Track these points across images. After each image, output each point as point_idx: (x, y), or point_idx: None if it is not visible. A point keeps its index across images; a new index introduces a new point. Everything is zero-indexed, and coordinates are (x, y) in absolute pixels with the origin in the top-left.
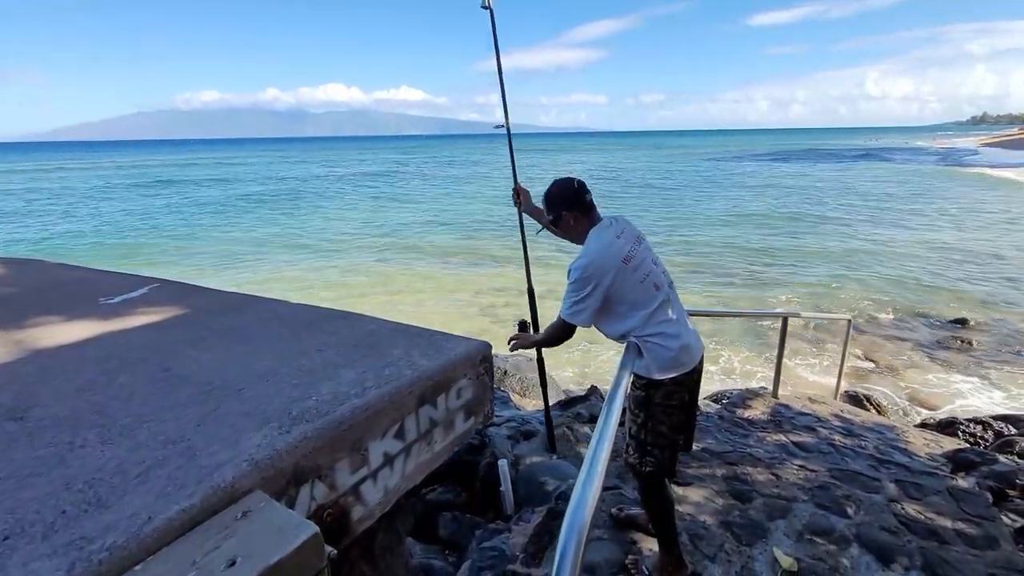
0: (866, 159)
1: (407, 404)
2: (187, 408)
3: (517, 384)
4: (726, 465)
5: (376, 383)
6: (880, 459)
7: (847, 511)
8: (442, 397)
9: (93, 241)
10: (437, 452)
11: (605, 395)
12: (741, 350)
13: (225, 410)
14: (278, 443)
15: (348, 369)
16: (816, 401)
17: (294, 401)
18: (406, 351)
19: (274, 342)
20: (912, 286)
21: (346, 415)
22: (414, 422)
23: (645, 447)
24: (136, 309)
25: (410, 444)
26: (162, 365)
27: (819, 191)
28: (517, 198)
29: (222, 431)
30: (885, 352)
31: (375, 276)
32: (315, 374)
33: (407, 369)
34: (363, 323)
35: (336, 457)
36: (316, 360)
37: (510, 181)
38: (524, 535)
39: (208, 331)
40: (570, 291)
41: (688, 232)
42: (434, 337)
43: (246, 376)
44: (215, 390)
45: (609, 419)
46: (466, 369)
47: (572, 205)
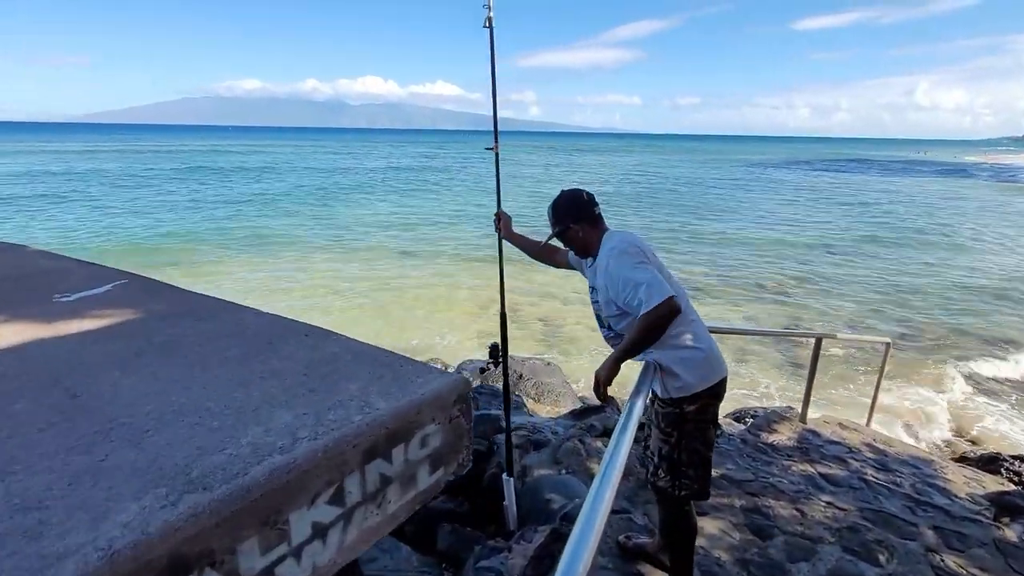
0: (911, 172)
1: (349, 460)
2: (71, 456)
3: (532, 389)
4: (746, 495)
5: (312, 432)
6: (917, 499)
7: (879, 559)
8: (400, 448)
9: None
10: (392, 514)
11: (622, 406)
12: (768, 368)
13: (113, 463)
14: (154, 521)
15: (285, 410)
16: (847, 428)
17: (201, 455)
18: (363, 387)
19: (216, 365)
20: (957, 310)
21: (259, 480)
22: (358, 482)
23: (679, 468)
24: (86, 311)
25: (352, 509)
26: (73, 390)
27: (864, 206)
28: (498, 223)
29: (94, 497)
30: (924, 378)
31: (398, 270)
32: (243, 415)
33: (357, 414)
34: (328, 344)
35: (240, 536)
36: (253, 393)
37: (537, 180)
38: (524, 556)
39: (150, 345)
40: (629, 274)
41: (714, 244)
42: (402, 369)
43: (161, 412)
44: (115, 430)
45: (620, 448)
46: (435, 412)
47: (580, 217)
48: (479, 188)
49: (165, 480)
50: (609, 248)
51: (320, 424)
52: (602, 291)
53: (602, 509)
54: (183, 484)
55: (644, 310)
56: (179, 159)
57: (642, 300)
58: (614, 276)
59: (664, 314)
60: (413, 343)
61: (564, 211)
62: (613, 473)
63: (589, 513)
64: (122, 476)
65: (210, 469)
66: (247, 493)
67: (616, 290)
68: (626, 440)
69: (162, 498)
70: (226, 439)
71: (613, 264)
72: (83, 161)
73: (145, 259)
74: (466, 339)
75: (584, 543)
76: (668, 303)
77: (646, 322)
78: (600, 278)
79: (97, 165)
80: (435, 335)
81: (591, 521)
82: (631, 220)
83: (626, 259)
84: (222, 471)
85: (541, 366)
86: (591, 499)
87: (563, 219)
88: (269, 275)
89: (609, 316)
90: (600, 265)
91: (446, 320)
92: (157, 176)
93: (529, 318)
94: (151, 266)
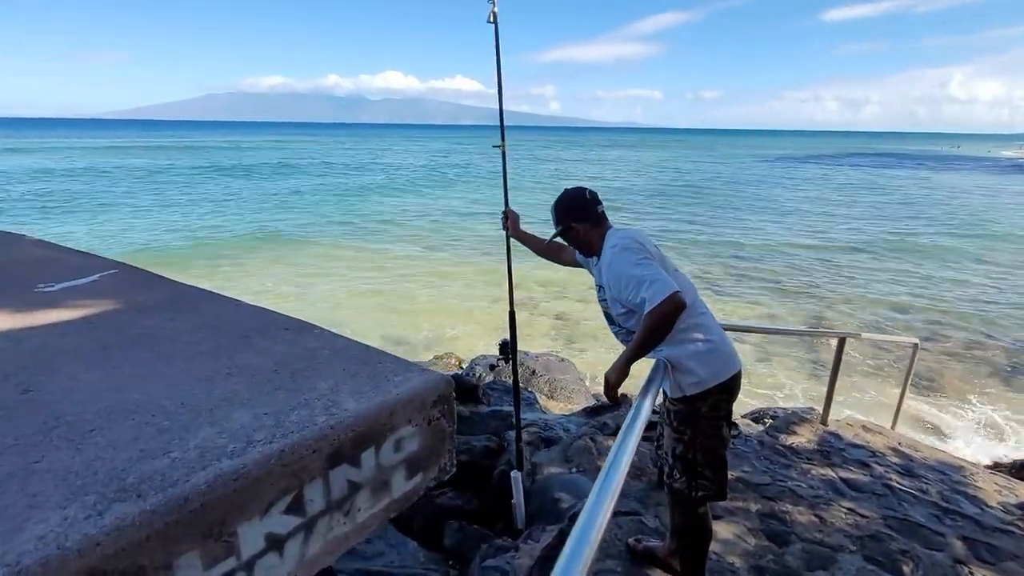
0: (942, 167)
1: (310, 466)
2: (2, 457)
3: (545, 385)
4: (762, 500)
5: (269, 435)
6: (945, 508)
7: (903, 570)
8: (370, 453)
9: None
10: (363, 522)
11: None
12: (788, 368)
13: (47, 465)
14: (74, 534)
15: (245, 409)
16: (870, 431)
17: (141, 458)
18: (334, 385)
19: (183, 359)
20: (991, 311)
21: (200, 488)
22: (321, 489)
23: (695, 468)
24: (65, 302)
25: (314, 518)
26: (26, 384)
27: (891, 202)
28: (506, 221)
29: (16, 504)
30: (953, 379)
31: (419, 260)
32: (198, 414)
33: (321, 414)
34: (307, 339)
35: (176, 550)
36: (216, 391)
37: (553, 176)
38: (531, 557)
39: (120, 338)
40: (631, 271)
41: (733, 241)
42: (380, 367)
43: (112, 410)
44: (57, 429)
45: (625, 447)
46: (411, 413)
47: (583, 216)
48: (496, 183)
49: (97, 486)
50: (611, 246)
51: (279, 426)
52: (607, 289)
53: (603, 511)
54: (114, 492)
55: (648, 307)
56: (226, 155)
57: (645, 298)
58: (616, 274)
59: (669, 311)
60: (425, 337)
61: (566, 210)
62: (616, 474)
63: (589, 515)
64: (52, 481)
65: (148, 475)
66: (184, 503)
67: (619, 288)
68: (632, 440)
69: (89, 507)
70: (173, 441)
71: (615, 262)
72: (137, 157)
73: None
74: (481, 334)
75: (582, 546)
76: (672, 299)
77: (651, 320)
78: (604, 277)
79: (159, 162)
80: (449, 329)
81: (590, 524)
82: (645, 219)
83: (627, 256)
84: (160, 477)
85: (555, 362)
86: (592, 500)
87: (565, 218)
88: (290, 270)
89: (617, 314)
90: (604, 263)
91: (460, 315)
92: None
93: (544, 313)
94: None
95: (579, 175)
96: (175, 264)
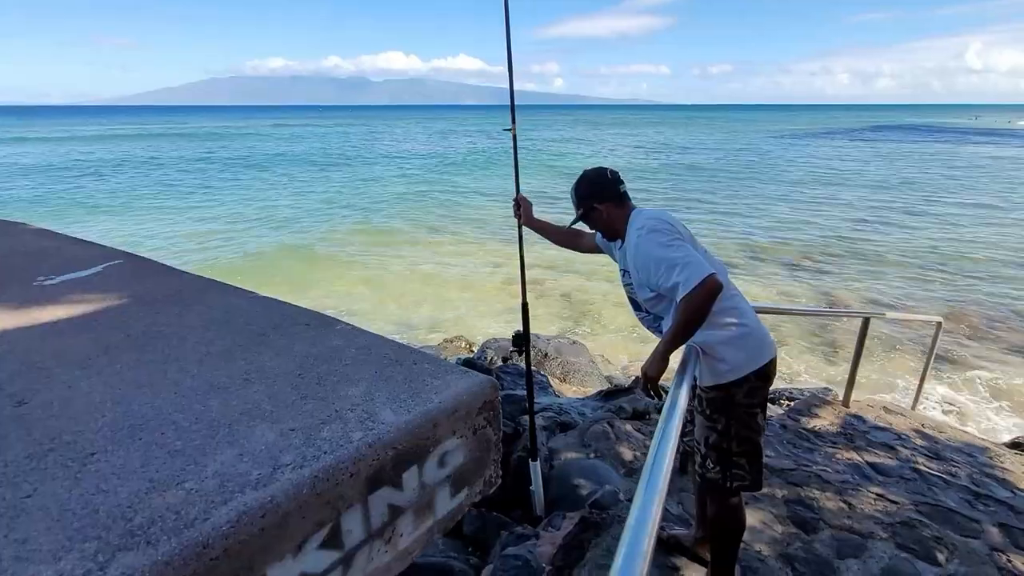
0: (960, 139)
1: (347, 493)
2: None
3: (558, 368)
4: (788, 486)
5: (299, 457)
6: (976, 492)
7: (937, 558)
8: (412, 472)
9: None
10: (405, 548)
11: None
12: (803, 348)
13: (39, 501)
14: None
15: (268, 424)
16: (892, 412)
17: (151, 490)
18: (367, 392)
19: (194, 362)
20: (1014, 288)
21: (222, 528)
22: (360, 517)
23: (730, 458)
24: (64, 296)
25: (353, 551)
26: (20, 395)
27: (905, 176)
28: (517, 209)
29: (0, 557)
30: (972, 356)
31: (424, 247)
32: (215, 431)
33: (357, 430)
34: (330, 336)
35: None
36: (233, 402)
37: (555, 155)
38: (552, 544)
39: (124, 337)
40: (662, 253)
41: (743, 218)
42: (416, 368)
43: (115, 427)
44: (53, 452)
45: (665, 445)
46: (455, 424)
47: (605, 196)
48: (503, 163)
49: (98, 529)
50: (637, 227)
51: (310, 445)
52: (634, 274)
53: (651, 519)
54: (119, 536)
55: (683, 292)
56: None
57: (679, 282)
58: (645, 257)
59: (706, 295)
60: (433, 320)
61: (587, 191)
62: (660, 475)
63: (637, 523)
64: (45, 523)
65: (159, 513)
66: (203, 550)
67: (648, 272)
68: (672, 435)
69: (88, 558)
70: (187, 467)
71: (643, 244)
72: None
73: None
74: (491, 315)
75: (634, 561)
76: (708, 282)
77: (687, 305)
78: (630, 260)
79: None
80: (459, 312)
81: (639, 534)
82: (656, 199)
83: (656, 238)
84: (174, 516)
85: (567, 345)
86: (638, 506)
87: (586, 199)
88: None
89: (644, 299)
90: (629, 246)
91: (470, 297)
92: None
93: (553, 295)
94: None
95: (585, 154)
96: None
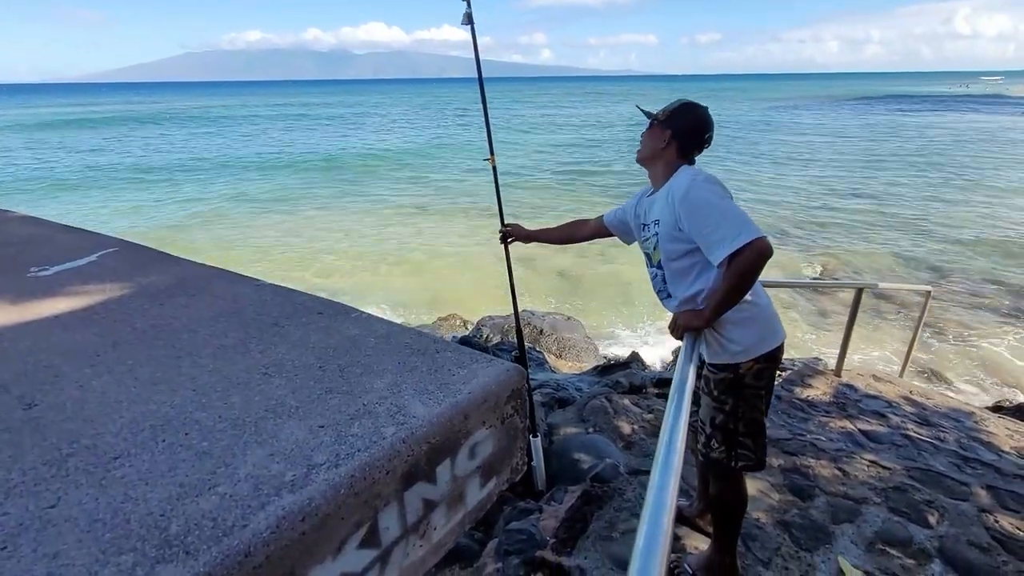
0: (951, 108)
1: (383, 491)
2: (10, 500)
3: (554, 344)
4: (784, 455)
5: (332, 455)
6: (964, 456)
7: (928, 520)
8: (445, 465)
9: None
10: (439, 541)
11: (653, 375)
12: (792, 318)
13: (65, 511)
14: None
15: (295, 421)
16: (881, 380)
17: (183, 496)
18: (393, 384)
19: (208, 356)
20: (999, 258)
21: (263, 534)
22: (396, 514)
23: (736, 438)
24: (62, 288)
25: (389, 547)
26: (29, 397)
27: (895, 148)
28: (505, 239)
29: (33, 573)
30: (956, 323)
31: (412, 226)
32: (241, 430)
33: (388, 424)
34: (345, 325)
35: None
36: (255, 398)
37: (548, 130)
38: (555, 518)
39: (132, 330)
40: (717, 202)
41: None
42: (439, 357)
43: (136, 428)
44: (74, 457)
45: (676, 430)
46: (485, 414)
47: (682, 138)
48: None
49: (132, 540)
50: (691, 175)
51: (342, 442)
52: (670, 225)
53: (667, 507)
54: (156, 547)
55: (729, 249)
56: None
57: (725, 236)
58: (695, 201)
59: (756, 257)
60: (428, 297)
61: (678, 122)
62: (674, 459)
63: (654, 511)
64: (74, 535)
65: (195, 520)
66: (245, 558)
67: (694, 218)
68: (683, 414)
69: (126, 572)
70: (218, 469)
71: (698, 190)
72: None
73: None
74: (484, 292)
75: (653, 556)
76: (760, 243)
77: (736, 268)
78: (670, 206)
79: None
80: (452, 289)
81: (657, 521)
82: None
83: (714, 188)
84: (211, 523)
85: (562, 321)
86: (654, 494)
87: (667, 123)
88: (285, 235)
89: (668, 253)
90: (674, 194)
91: (462, 274)
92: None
93: (546, 271)
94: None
95: (566, 128)
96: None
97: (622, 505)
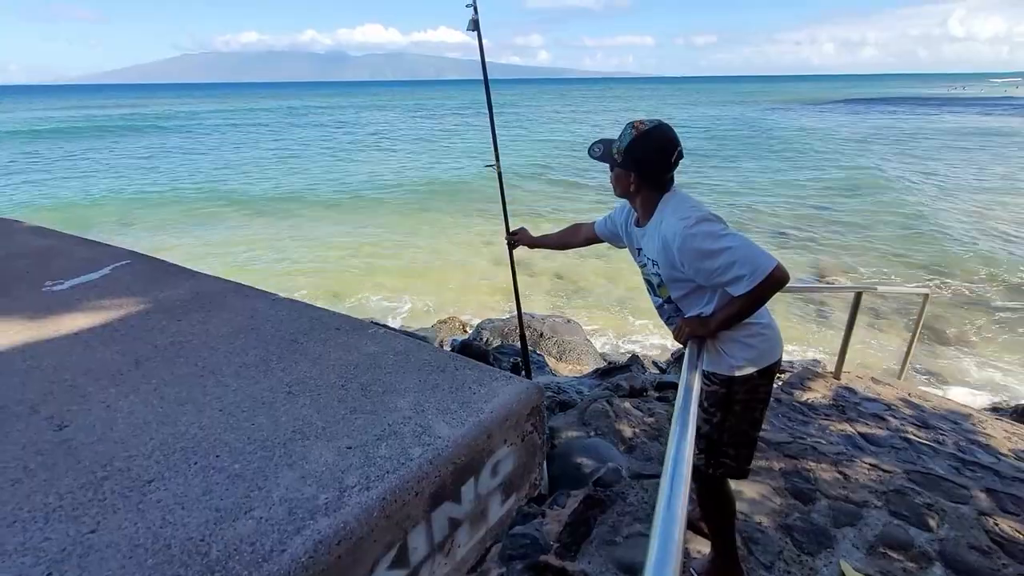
0: (946, 110)
1: (412, 512)
2: (49, 525)
3: (554, 347)
4: (785, 458)
5: (363, 477)
6: (963, 459)
7: (929, 523)
8: (469, 484)
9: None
10: (463, 558)
11: (654, 377)
12: (790, 321)
13: (106, 537)
14: None
15: (323, 441)
16: (880, 382)
17: (220, 519)
18: (416, 403)
19: (231, 375)
20: (996, 260)
21: (299, 560)
22: (424, 533)
23: (719, 448)
24: (79, 303)
25: (417, 566)
26: (59, 418)
27: (888, 152)
28: (512, 245)
29: None
30: (955, 325)
31: (410, 228)
32: (271, 452)
33: (415, 445)
34: (364, 342)
35: None
36: (282, 418)
37: (548, 130)
38: (558, 522)
39: (152, 348)
40: (719, 246)
41: (728, 193)
42: (459, 375)
43: (167, 450)
44: (109, 480)
45: (683, 439)
46: (506, 433)
47: (648, 175)
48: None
49: (175, 566)
50: (681, 217)
51: (371, 464)
52: (668, 266)
53: (677, 522)
54: (199, 573)
55: (748, 286)
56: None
57: (743, 275)
58: (697, 251)
59: (775, 285)
60: (427, 301)
61: (641, 154)
62: (681, 480)
63: (664, 524)
64: (117, 560)
65: (234, 545)
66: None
67: (699, 266)
68: (690, 422)
69: None
70: (252, 493)
71: (695, 238)
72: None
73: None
74: (484, 294)
75: (666, 565)
76: (776, 273)
77: (753, 296)
78: (666, 251)
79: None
80: (451, 292)
81: (669, 534)
82: None
83: (708, 228)
84: (250, 548)
85: (562, 323)
86: (663, 506)
87: (629, 162)
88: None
89: (679, 289)
90: (668, 236)
91: (461, 276)
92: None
93: (544, 273)
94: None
95: (565, 127)
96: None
97: (625, 509)
